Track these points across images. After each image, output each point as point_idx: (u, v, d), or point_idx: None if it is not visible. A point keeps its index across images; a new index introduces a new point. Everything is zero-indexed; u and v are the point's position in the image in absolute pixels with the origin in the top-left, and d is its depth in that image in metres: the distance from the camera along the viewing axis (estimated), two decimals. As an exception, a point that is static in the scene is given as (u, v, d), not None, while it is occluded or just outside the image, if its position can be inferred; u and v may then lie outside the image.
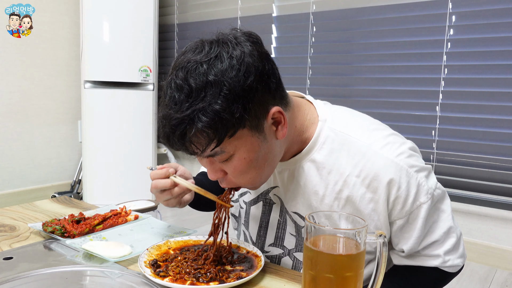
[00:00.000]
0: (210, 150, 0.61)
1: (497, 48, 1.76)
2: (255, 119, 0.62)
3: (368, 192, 0.69)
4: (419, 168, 0.69)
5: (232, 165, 0.65)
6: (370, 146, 0.69)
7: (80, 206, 1.06)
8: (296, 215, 0.77)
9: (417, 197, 0.68)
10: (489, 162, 1.80)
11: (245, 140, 0.63)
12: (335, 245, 0.55)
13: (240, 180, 0.67)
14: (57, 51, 2.66)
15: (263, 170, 0.67)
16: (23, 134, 2.54)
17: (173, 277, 0.64)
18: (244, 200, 0.85)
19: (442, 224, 0.73)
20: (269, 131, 0.65)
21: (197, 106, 0.58)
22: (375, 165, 0.67)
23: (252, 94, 0.60)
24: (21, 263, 0.70)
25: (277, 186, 0.79)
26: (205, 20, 2.75)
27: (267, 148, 0.66)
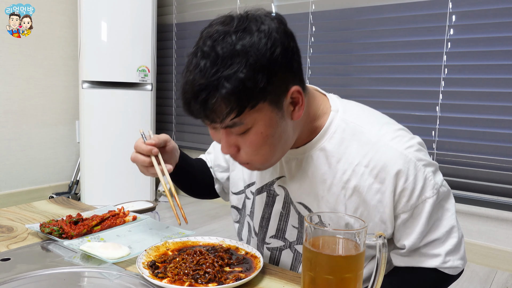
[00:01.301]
0: (230, 119, 0.61)
1: (498, 48, 1.76)
2: (276, 94, 0.63)
3: (376, 183, 0.69)
4: (427, 162, 0.70)
5: (248, 139, 0.65)
6: (380, 137, 0.70)
7: (78, 207, 1.06)
8: (301, 206, 0.77)
9: (423, 191, 0.69)
10: (489, 162, 1.79)
11: (265, 114, 0.63)
12: (335, 246, 0.55)
13: (252, 157, 0.67)
14: (55, 51, 2.65)
15: (276, 149, 0.67)
16: (20, 134, 2.53)
17: (171, 278, 0.63)
18: (251, 190, 0.85)
19: (445, 222, 0.73)
20: (287, 110, 0.66)
21: (223, 74, 0.59)
22: (384, 155, 0.68)
23: (276, 68, 0.61)
24: (19, 264, 0.69)
25: (283, 176, 0.79)
26: (203, 20, 2.75)
27: (283, 127, 0.66)
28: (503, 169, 1.77)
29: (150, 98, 2.56)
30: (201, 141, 2.82)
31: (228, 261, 0.69)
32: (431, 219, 0.71)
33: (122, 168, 2.50)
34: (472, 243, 1.90)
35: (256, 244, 0.85)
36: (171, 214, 2.54)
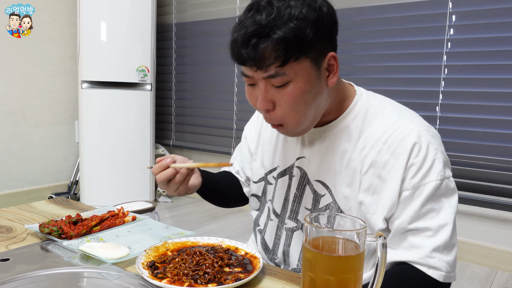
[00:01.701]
0: (275, 67, 0.66)
1: (498, 48, 1.76)
2: (317, 53, 0.69)
3: (392, 159, 0.72)
4: (440, 151, 0.73)
5: (286, 93, 0.69)
6: (400, 118, 0.75)
7: (77, 207, 1.05)
8: (318, 183, 0.80)
9: (428, 172, 0.71)
10: (489, 163, 1.79)
11: (305, 69, 0.68)
12: (334, 246, 0.55)
13: (288, 114, 0.70)
14: (54, 51, 2.65)
15: (310, 108, 0.71)
16: (20, 135, 2.53)
17: (171, 278, 0.63)
18: (273, 175, 0.89)
19: (441, 217, 0.71)
20: (324, 74, 0.71)
21: (275, 22, 0.65)
22: (402, 133, 0.72)
23: (322, 27, 0.68)
24: (18, 265, 0.69)
25: (303, 157, 0.82)
26: (203, 20, 2.75)
27: (319, 88, 0.71)
28: (503, 169, 1.77)
29: (150, 98, 2.56)
30: (201, 141, 2.82)
31: (228, 262, 0.69)
32: (427, 204, 0.71)
33: (121, 168, 2.49)
34: (472, 244, 1.90)
35: (276, 225, 0.88)
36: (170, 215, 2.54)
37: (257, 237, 0.94)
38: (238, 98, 2.60)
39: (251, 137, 0.98)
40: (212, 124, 2.75)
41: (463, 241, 1.92)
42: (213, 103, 2.74)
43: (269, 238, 0.90)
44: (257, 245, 0.94)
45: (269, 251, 0.91)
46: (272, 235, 0.90)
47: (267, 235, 0.91)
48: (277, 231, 0.88)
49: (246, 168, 1.00)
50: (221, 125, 2.69)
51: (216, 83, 2.73)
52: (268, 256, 0.91)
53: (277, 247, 0.89)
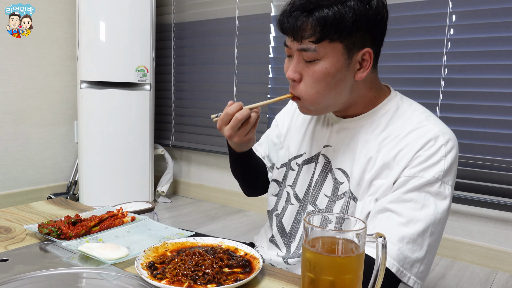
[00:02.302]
0: (309, 41, 0.72)
1: (498, 48, 1.75)
2: (352, 43, 0.73)
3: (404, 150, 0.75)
4: (452, 157, 0.74)
5: (313, 69, 0.74)
6: (425, 120, 0.77)
7: (76, 207, 1.05)
8: (339, 171, 0.83)
9: (430, 168, 0.72)
10: (489, 163, 1.78)
11: (335, 53, 0.73)
12: (334, 247, 0.55)
13: (308, 89, 0.76)
14: (53, 51, 2.64)
15: (330, 91, 0.76)
16: (18, 135, 2.52)
17: (170, 279, 0.63)
18: (297, 162, 0.92)
19: (420, 213, 0.71)
20: (354, 65, 0.76)
21: (322, 2, 0.71)
22: (423, 132, 0.75)
23: (363, 20, 0.72)
24: (17, 265, 0.69)
25: (329, 145, 0.86)
26: (202, 20, 2.75)
27: (344, 76, 0.75)
28: (503, 169, 1.76)
29: (149, 98, 2.56)
30: (200, 142, 2.82)
31: (227, 262, 0.69)
32: (412, 193, 0.72)
33: (120, 168, 2.49)
34: (472, 244, 1.89)
35: (297, 210, 0.90)
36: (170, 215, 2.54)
37: (273, 221, 0.95)
38: (238, 99, 2.60)
39: (283, 125, 1.01)
40: (211, 124, 2.75)
41: (463, 241, 1.92)
42: (213, 103, 2.74)
43: (287, 222, 0.92)
44: (271, 229, 0.95)
45: (286, 235, 0.92)
46: (291, 219, 0.91)
47: (285, 218, 0.92)
48: (297, 215, 0.90)
49: (272, 155, 1.04)
50: (221, 125, 2.69)
51: (215, 83, 2.72)
52: (284, 240, 0.92)
53: (295, 231, 0.90)
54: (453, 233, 1.95)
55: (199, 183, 2.90)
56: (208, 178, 2.86)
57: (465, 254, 1.91)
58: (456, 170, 0.77)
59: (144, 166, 2.58)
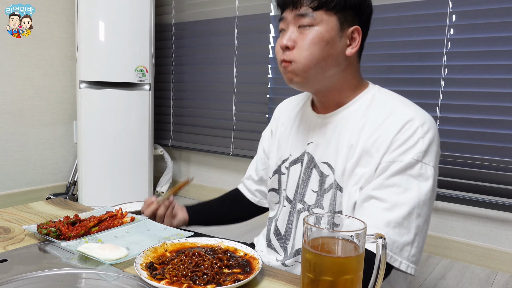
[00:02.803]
0: (309, 6, 0.78)
1: (498, 48, 1.75)
2: (344, 17, 0.80)
3: (382, 136, 0.76)
4: (429, 137, 0.75)
5: (308, 33, 0.79)
6: (401, 105, 0.80)
7: (75, 208, 1.05)
8: (325, 165, 0.85)
9: (409, 150, 0.73)
10: (489, 163, 1.78)
11: (330, 23, 0.79)
12: (334, 247, 0.54)
13: (302, 51, 0.79)
14: (53, 51, 2.64)
15: (322, 57, 0.79)
16: (17, 135, 2.52)
17: (169, 279, 0.63)
18: (285, 166, 0.94)
19: (404, 196, 0.72)
20: (345, 40, 0.81)
21: None
22: (399, 115, 0.77)
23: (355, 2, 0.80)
24: (16, 266, 0.69)
25: (311, 142, 0.88)
26: (202, 20, 2.74)
27: (335, 46, 0.80)
28: (503, 169, 1.76)
29: (148, 99, 2.55)
30: (199, 142, 2.82)
31: (227, 263, 0.69)
32: (394, 178, 0.73)
33: (120, 168, 2.49)
34: (472, 245, 1.89)
35: (289, 211, 0.91)
36: (169, 215, 2.53)
37: (271, 226, 0.96)
38: (237, 99, 2.60)
39: (266, 138, 1.05)
40: (211, 124, 2.75)
41: (463, 242, 1.92)
42: (212, 104, 2.74)
43: (282, 224, 0.93)
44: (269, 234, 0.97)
45: (281, 237, 0.92)
46: (284, 221, 0.92)
47: (280, 221, 0.93)
48: (289, 216, 0.91)
49: (260, 169, 1.06)
50: (220, 126, 2.69)
51: (215, 83, 2.72)
52: (280, 243, 0.92)
53: (289, 232, 0.91)
54: (453, 234, 1.95)
55: (199, 183, 2.90)
56: (207, 179, 2.86)
57: (465, 255, 1.91)
58: (438, 152, 0.78)
59: (144, 166, 2.57)
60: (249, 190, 1.10)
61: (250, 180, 1.09)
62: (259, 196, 1.09)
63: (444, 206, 1.96)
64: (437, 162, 0.77)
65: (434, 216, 1.99)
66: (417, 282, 1.71)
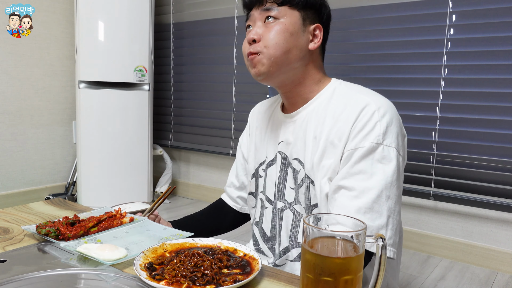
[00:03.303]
0: (273, 1, 0.83)
1: (499, 47, 1.75)
2: (306, 15, 0.85)
3: (342, 126, 0.78)
4: (387, 119, 0.76)
5: (273, 26, 0.83)
6: (358, 94, 0.82)
7: (74, 208, 1.05)
8: (296, 161, 0.87)
9: (367, 135, 0.75)
10: (490, 163, 1.78)
11: (293, 17, 0.84)
12: (334, 248, 0.54)
13: (267, 43, 0.83)
14: (52, 50, 2.64)
15: (286, 47, 0.83)
16: (16, 135, 2.52)
17: (169, 280, 0.63)
18: (263, 168, 0.96)
19: (371, 181, 0.73)
20: (307, 35, 0.86)
21: None
22: (356, 103, 0.79)
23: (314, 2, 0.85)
24: (15, 266, 0.68)
25: (282, 141, 0.91)
26: (201, 20, 2.74)
27: (299, 38, 0.85)
28: (503, 170, 1.75)
29: (148, 99, 2.55)
30: (199, 142, 2.81)
31: (227, 263, 0.68)
32: (359, 164, 0.74)
33: (119, 169, 2.49)
34: (472, 245, 1.89)
35: (272, 212, 0.92)
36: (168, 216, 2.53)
37: (256, 231, 0.97)
38: (237, 99, 2.60)
39: (243, 143, 1.07)
40: (210, 124, 2.75)
41: (464, 242, 1.91)
42: (212, 104, 2.74)
43: (266, 226, 0.94)
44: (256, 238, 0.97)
45: (268, 239, 0.93)
46: (269, 223, 0.93)
47: (264, 224, 0.94)
48: (273, 217, 0.92)
49: (241, 175, 1.07)
50: (220, 126, 2.68)
51: (214, 83, 2.72)
52: (268, 245, 0.93)
53: (274, 233, 0.92)
54: (453, 234, 1.95)
55: (198, 183, 2.89)
56: (207, 179, 2.86)
57: (465, 255, 1.91)
58: (400, 133, 0.79)
59: (143, 166, 2.57)
60: (231, 197, 1.10)
61: (231, 187, 1.10)
62: (241, 203, 1.09)
63: (444, 206, 1.96)
64: (401, 143, 0.79)
65: (434, 217, 1.99)
66: (417, 283, 1.71)
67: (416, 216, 2.04)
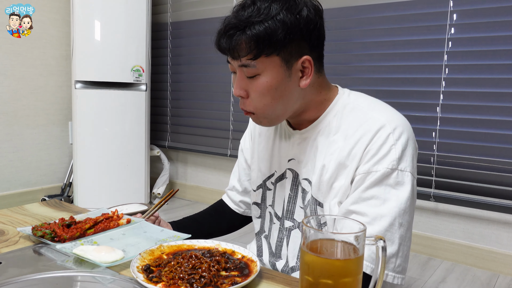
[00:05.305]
0: (247, 59, 0.74)
1: (500, 47, 1.74)
2: (289, 54, 0.75)
3: (355, 148, 0.75)
4: (402, 143, 0.73)
5: (256, 84, 0.76)
6: (371, 111, 0.77)
7: (70, 209, 1.04)
8: (305, 181, 0.84)
9: (382, 159, 0.72)
10: (491, 164, 1.78)
11: (274, 67, 0.75)
12: (333, 249, 0.54)
13: (256, 103, 0.78)
14: (48, 50, 2.62)
15: (277, 103, 0.77)
16: (12, 136, 2.50)
17: (166, 282, 0.62)
18: (271, 181, 0.93)
19: (383, 208, 0.71)
20: (296, 74, 0.77)
21: (253, 19, 0.73)
22: (370, 124, 0.75)
23: (296, 31, 0.73)
24: (10, 268, 0.68)
25: (293, 159, 0.87)
26: (199, 19, 2.74)
27: (287, 86, 0.77)
28: (505, 171, 1.75)
29: (145, 99, 2.54)
30: (196, 143, 2.81)
31: (225, 265, 0.68)
32: (371, 190, 0.72)
33: (116, 170, 2.47)
34: (473, 247, 1.89)
35: (278, 228, 0.91)
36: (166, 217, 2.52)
37: (263, 243, 0.96)
38: (235, 99, 2.59)
39: (246, 149, 1.03)
40: (208, 125, 2.74)
41: (465, 244, 1.91)
42: (210, 104, 2.73)
43: (273, 241, 0.92)
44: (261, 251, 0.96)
45: (273, 254, 0.92)
46: (275, 238, 0.92)
47: (272, 239, 0.93)
48: (279, 233, 0.91)
49: (244, 180, 1.05)
50: (218, 126, 2.68)
51: (212, 83, 2.71)
52: (273, 260, 0.91)
53: (279, 250, 0.91)
54: (453, 236, 1.94)
55: (196, 184, 2.89)
56: (204, 180, 2.85)
57: (466, 257, 1.90)
58: (414, 153, 0.76)
59: (140, 167, 2.56)
60: (233, 201, 1.08)
61: (234, 191, 1.08)
62: (244, 207, 1.07)
63: (445, 208, 1.96)
64: (414, 163, 0.76)
65: (434, 218, 1.99)
66: (417, 285, 1.71)
67: (416, 217, 2.04)
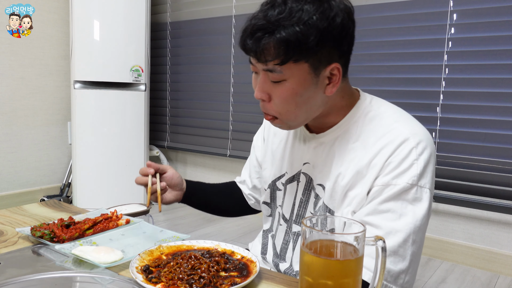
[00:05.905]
0: (274, 64, 0.69)
1: (500, 47, 1.74)
2: (318, 61, 0.71)
3: (376, 158, 0.73)
4: (425, 159, 0.71)
5: (280, 90, 0.72)
6: (395, 123, 0.75)
7: (69, 210, 1.04)
8: (320, 187, 0.82)
9: (402, 174, 0.70)
10: (491, 164, 1.78)
11: (302, 73, 0.71)
12: (333, 250, 0.54)
13: (278, 108, 0.74)
14: (47, 50, 2.62)
15: (301, 109, 0.74)
16: (11, 136, 2.50)
17: (165, 283, 0.62)
18: (282, 182, 0.91)
19: (399, 223, 0.69)
20: (322, 81, 0.73)
21: (283, 22, 0.67)
22: (393, 135, 0.73)
23: (328, 38, 0.69)
24: (9, 269, 0.68)
25: (308, 162, 0.84)
26: (198, 19, 2.74)
27: (312, 93, 0.73)
28: (505, 171, 1.75)
29: (144, 99, 2.54)
30: (196, 143, 2.80)
31: (224, 266, 0.68)
32: (388, 203, 0.70)
33: (115, 170, 2.47)
34: (473, 248, 1.88)
35: (285, 230, 0.89)
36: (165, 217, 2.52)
37: (269, 242, 0.95)
38: (234, 99, 2.59)
39: (258, 147, 1.02)
40: (207, 125, 2.74)
41: (465, 245, 1.91)
42: (209, 104, 2.73)
43: (279, 242, 0.92)
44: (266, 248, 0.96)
45: (277, 256, 0.92)
46: (280, 240, 0.91)
47: (277, 239, 0.92)
48: (285, 236, 0.90)
49: (254, 177, 1.04)
50: (217, 126, 2.68)
51: (212, 83, 2.71)
52: (276, 260, 0.91)
53: (284, 252, 0.90)
54: (454, 236, 1.94)
55: (195, 184, 2.88)
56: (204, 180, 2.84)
57: (466, 258, 1.90)
58: (434, 171, 0.74)
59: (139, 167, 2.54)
60: (243, 192, 1.08)
61: (244, 185, 1.08)
62: (253, 200, 1.07)
63: (445, 208, 1.95)
64: (433, 180, 0.74)
65: (435, 219, 1.99)
66: (418, 286, 1.71)
67: (414, 217, 2.04)
